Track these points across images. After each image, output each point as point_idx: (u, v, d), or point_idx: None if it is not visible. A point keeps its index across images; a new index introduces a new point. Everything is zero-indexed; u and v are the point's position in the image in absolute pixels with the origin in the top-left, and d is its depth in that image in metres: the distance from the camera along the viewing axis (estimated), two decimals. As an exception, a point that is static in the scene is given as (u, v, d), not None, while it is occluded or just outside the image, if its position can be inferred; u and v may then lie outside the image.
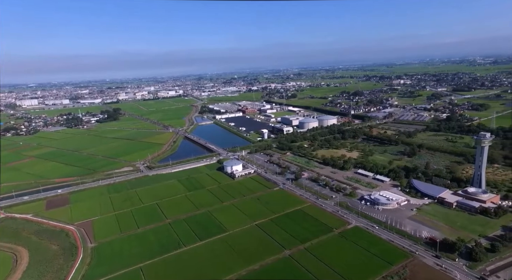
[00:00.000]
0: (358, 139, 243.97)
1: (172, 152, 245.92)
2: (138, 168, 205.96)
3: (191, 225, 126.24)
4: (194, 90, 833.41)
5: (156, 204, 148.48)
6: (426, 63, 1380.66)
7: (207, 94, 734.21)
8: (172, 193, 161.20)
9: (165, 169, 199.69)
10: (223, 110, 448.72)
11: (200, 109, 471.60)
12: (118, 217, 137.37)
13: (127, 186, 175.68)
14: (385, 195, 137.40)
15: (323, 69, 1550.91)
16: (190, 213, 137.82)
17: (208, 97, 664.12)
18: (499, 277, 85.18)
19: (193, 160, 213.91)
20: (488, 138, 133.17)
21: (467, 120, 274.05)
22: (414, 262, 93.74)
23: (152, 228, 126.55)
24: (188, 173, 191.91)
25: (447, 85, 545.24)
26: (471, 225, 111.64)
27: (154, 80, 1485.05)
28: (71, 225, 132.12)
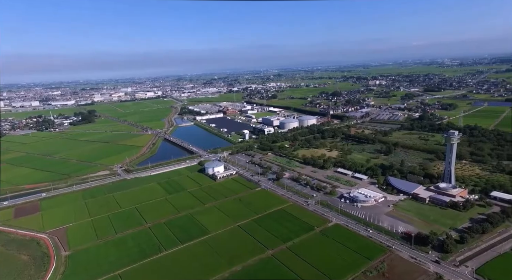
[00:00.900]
0: (337, 139, 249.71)
1: (151, 155, 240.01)
2: (116, 171, 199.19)
3: (172, 229, 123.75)
4: (173, 91, 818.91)
5: (135, 208, 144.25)
6: (400, 64, 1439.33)
7: (187, 95, 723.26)
8: (152, 196, 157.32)
9: (144, 172, 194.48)
10: (203, 111, 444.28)
11: (180, 111, 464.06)
12: (95, 223, 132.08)
13: (104, 190, 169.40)
14: (364, 192, 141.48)
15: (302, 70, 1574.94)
16: (170, 216, 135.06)
17: (188, 98, 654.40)
18: (467, 266, 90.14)
19: (173, 162, 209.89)
20: (457, 136, 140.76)
21: (437, 119, 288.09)
22: (391, 256, 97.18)
23: (131, 233, 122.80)
24: (168, 175, 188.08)
25: (419, 86, 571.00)
26: (443, 218, 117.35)
27: (131, 81, 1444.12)
28: (42, 233, 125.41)
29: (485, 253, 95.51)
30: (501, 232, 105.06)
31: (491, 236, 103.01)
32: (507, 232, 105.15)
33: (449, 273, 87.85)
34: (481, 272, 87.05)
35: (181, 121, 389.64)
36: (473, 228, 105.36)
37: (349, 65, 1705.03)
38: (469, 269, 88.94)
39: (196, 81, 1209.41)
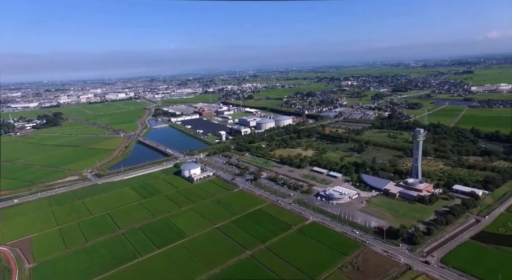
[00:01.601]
0: (313, 138, 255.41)
1: (124, 158, 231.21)
2: (85, 176, 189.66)
3: (147, 234, 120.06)
4: (146, 92, 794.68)
5: (107, 214, 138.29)
6: (370, 65, 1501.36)
7: (161, 96, 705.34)
8: (125, 201, 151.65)
9: (116, 177, 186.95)
10: (178, 112, 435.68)
11: (154, 112, 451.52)
12: (63, 232, 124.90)
13: (72, 197, 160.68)
14: (338, 190, 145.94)
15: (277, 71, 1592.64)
16: (145, 221, 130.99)
17: (162, 100, 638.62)
18: (434, 256, 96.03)
19: (148, 165, 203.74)
20: (422, 133, 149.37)
21: (405, 117, 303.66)
22: (365, 250, 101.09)
23: (103, 240, 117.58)
24: (143, 179, 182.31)
25: (387, 86, 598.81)
26: (411, 212, 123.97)
27: (101, 82, 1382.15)
28: (3, 245, 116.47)
29: (449, 243, 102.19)
30: (462, 223, 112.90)
31: (454, 227, 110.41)
32: (467, 222, 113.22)
33: (417, 263, 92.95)
34: (446, 261, 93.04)
35: (155, 123, 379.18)
36: (438, 220, 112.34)
37: (322, 66, 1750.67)
38: (435, 258, 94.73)
39: (170, 82, 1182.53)
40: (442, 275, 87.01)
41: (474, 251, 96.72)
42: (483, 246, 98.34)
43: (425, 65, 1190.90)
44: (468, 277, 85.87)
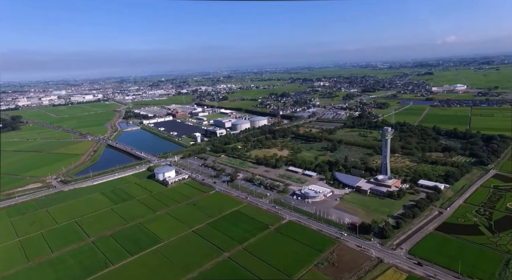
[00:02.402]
0: (288, 138, 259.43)
1: (92, 163, 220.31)
2: (50, 184, 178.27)
3: (119, 241, 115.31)
4: (116, 94, 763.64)
5: (75, 222, 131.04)
6: (340, 67, 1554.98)
7: (132, 98, 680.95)
8: (95, 208, 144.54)
9: (84, 182, 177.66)
10: (151, 114, 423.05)
11: (125, 114, 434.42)
12: (24, 244, 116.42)
13: (35, 206, 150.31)
14: (313, 188, 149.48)
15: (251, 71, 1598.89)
16: (118, 227, 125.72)
17: (133, 101, 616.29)
18: (402, 248, 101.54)
19: (119, 169, 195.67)
20: (390, 132, 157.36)
21: (374, 117, 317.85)
22: (340, 246, 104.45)
23: (70, 250, 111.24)
24: (114, 184, 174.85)
25: (357, 87, 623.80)
26: (381, 207, 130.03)
27: (65, 83, 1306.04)
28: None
29: (416, 235, 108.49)
30: (427, 215, 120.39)
31: (420, 219, 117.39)
32: (431, 214, 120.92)
33: (388, 256, 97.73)
34: (413, 252, 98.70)
35: (127, 126, 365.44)
36: (406, 214, 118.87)
37: (295, 67, 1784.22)
38: (404, 250, 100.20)
39: (142, 83, 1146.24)
40: (410, 266, 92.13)
41: (437, 242, 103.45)
42: (446, 236, 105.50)
43: (391, 66, 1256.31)
44: (433, 266, 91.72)
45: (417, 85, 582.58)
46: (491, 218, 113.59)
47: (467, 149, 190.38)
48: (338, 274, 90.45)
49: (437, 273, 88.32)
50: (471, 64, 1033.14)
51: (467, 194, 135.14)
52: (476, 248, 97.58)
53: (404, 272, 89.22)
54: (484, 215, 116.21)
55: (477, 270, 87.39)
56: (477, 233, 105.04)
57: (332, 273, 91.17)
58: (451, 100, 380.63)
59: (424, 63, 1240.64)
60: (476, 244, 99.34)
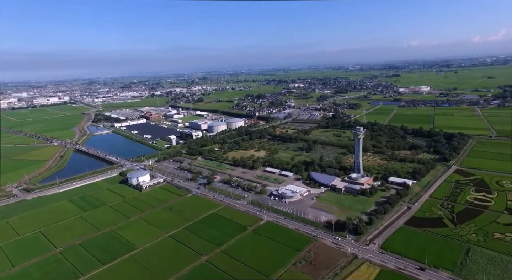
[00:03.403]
0: (264, 139, 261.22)
1: (59, 169, 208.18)
2: (10, 192, 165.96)
3: (90, 250, 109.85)
4: (84, 96, 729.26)
5: (40, 233, 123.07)
6: (314, 68, 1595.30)
7: (102, 100, 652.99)
8: (62, 216, 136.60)
9: (50, 190, 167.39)
10: (123, 117, 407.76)
11: (94, 117, 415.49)
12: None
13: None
14: (290, 188, 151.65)
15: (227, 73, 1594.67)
16: (88, 236, 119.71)
17: (103, 104, 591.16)
18: (375, 243, 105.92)
19: (89, 175, 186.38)
20: (362, 131, 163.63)
21: (347, 117, 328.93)
22: (316, 245, 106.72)
23: (35, 262, 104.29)
24: (83, 190, 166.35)
25: (330, 88, 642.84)
26: (355, 204, 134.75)
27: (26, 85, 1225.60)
28: None
29: (387, 230, 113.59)
30: (397, 211, 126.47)
31: (391, 215, 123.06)
32: (401, 210, 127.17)
33: (361, 252, 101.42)
34: (385, 247, 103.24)
35: (96, 129, 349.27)
36: (378, 210, 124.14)
37: (270, 68, 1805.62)
38: (376, 245, 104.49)
39: (112, 85, 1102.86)
40: (382, 260, 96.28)
41: (407, 235, 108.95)
42: (414, 230, 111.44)
43: (361, 68, 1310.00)
44: (403, 258, 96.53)
45: (385, 86, 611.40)
46: (454, 210, 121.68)
47: (432, 146, 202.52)
48: (315, 272, 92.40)
49: (407, 265, 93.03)
50: (433, 66, 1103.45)
51: (432, 189, 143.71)
52: (441, 239, 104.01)
53: (377, 266, 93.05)
54: (447, 208, 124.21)
55: (442, 260, 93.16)
56: (442, 226, 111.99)
57: (310, 271, 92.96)
58: (416, 101, 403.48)
59: (392, 66, 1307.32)
60: (441, 235, 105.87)
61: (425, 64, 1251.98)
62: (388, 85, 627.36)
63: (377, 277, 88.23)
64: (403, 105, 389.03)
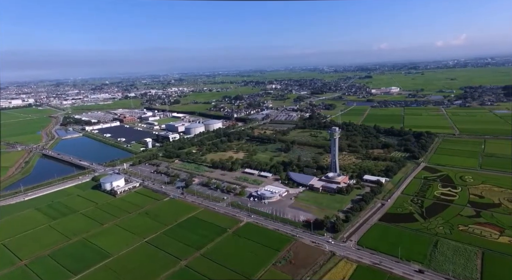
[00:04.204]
0: (243, 141, 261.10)
1: (24, 176, 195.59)
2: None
3: (60, 260, 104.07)
4: (51, 98, 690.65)
5: (3, 245, 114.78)
6: (290, 70, 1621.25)
7: (71, 102, 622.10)
8: (28, 226, 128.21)
9: (14, 198, 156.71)
10: (94, 120, 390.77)
11: (63, 121, 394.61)
12: None
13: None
14: (269, 189, 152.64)
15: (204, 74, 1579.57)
16: (57, 246, 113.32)
17: (72, 106, 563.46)
18: (352, 240, 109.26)
19: (58, 181, 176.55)
20: (338, 132, 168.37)
21: (323, 118, 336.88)
22: (296, 244, 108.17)
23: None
24: (51, 198, 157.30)
25: (307, 89, 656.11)
26: (333, 203, 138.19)
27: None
28: None
29: (363, 226, 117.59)
30: (372, 207, 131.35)
31: (366, 212, 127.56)
32: (375, 207, 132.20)
33: (339, 249, 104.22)
34: (361, 243, 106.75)
35: (66, 133, 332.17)
36: (354, 208, 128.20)
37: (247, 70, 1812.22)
38: (353, 242, 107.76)
39: (82, 87, 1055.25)
40: (359, 256, 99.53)
41: (381, 231, 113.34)
42: (387, 226, 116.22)
43: (336, 70, 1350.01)
44: (378, 254, 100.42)
45: (359, 87, 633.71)
46: (423, 205, 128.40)
47: (402, 145, 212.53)
48: (295, 270, 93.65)
49: (382, 260, 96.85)
50: (401, 69, 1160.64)
51: (404, 185, 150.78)
52: (412, 233, 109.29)
53: (354, 262, 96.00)
54: (417, 203, 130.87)
55: (413, 253, 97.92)
56: (412, 220, 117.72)
57: (290, 270, 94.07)
58: (387, 101, 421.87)
59: (364, 67, 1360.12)
60: (412, 230, 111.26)
61: (394, 66, 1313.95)
62: (361, 86, 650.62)
63: (354, 273, 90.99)
64: (375, 105, 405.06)
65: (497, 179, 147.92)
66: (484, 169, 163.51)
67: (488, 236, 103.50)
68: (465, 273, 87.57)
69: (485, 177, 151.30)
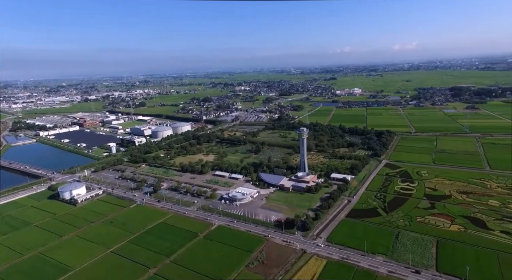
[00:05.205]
0: (213, 143, 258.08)
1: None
2: None
3: (12, 279, 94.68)
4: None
5: None
6: (258, 72, 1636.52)
7: (22, 106, 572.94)
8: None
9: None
10: (50, 124, 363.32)
11: (13, 126, 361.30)
12: None
13: None
14: (241, 191, 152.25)
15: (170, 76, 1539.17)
16: (8, 263, 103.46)
17: (24, 110, 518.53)
18: (321, 237, 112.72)
19: (7, 192, 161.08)
20: (306, 132, 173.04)
21: (291, 118, 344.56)
22: (268, 244, 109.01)
23: None
24: (0, 211, 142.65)
25: (275, 91, 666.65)
26: (302, 202, 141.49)
27: None
28: None
29: (331, 223, 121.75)
30: (339, 204, 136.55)
31: (334, 209, 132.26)
32: (342, 203, 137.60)
33: (309, 246, 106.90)
34: (330, 239, 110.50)
35: (16, 139, 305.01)
36: (322, 206, 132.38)
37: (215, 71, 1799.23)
38: (322, 239, 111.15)
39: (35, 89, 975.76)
40: (328, 252, 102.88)
41: (348, 227, 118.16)
42: (354, 221, 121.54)
43: (302, 72, 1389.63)
44: (346, 249, 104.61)
45: (324, 88, 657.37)
46: (385, 200, 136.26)
47: (366, 143, 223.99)
48: (267, 271, 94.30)
49: (350, 254, 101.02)
50: (363, 71, 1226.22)
51: (368, 182, 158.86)
52: (376, 227, 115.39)
53: (324, 259, 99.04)
54: (380, 198, 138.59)
55: (377, 246, 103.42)
56: (376, 215, 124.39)
57: (262, 271, 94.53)
58: (351, 102, 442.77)
59: (329, 69, 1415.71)
60: (376, 224, 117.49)
61: (356, 69, 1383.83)
62: (327, 87, 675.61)
63: (324, 269, 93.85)
64: (340, 106, 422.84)
65: (448, 172, 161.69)
66: (437, 164, 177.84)
67: (441, 225, 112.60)
68: (423, 261, 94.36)
69: (438, 171, 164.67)
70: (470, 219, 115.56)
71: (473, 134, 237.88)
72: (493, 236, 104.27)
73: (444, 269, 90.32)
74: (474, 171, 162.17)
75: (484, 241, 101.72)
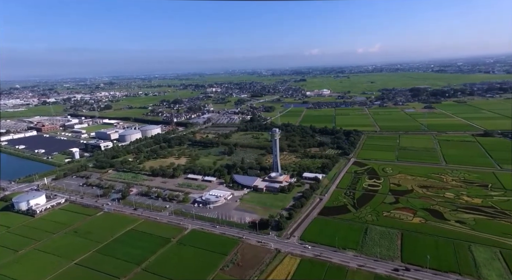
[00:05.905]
0: (184, 146, 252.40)
1: None
2: None
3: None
4: None
5: None
6: (230, 73, 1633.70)
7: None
8: None
9: None
10: (2, 130, 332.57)
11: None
12: None
13: None
14: (214, 193, 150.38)
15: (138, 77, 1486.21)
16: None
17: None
18: (295, 236, 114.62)
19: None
20: (278, 132, 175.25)
21: (263, 119, 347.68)
22: (242, 246, 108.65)
23: None
24: None
25: (247, 92, 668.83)
26: (276, 202, 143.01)
27: None
28: None
29: (304, 222, 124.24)
30: (311, 203, 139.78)
31: (306, 208, 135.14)
32: (314, 202, 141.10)
33: (284, 246, 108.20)
34: (304, 238, 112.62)
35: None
36: (295, 205, 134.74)
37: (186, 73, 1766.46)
38: (296, 238, 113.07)
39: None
40: (302, 251, 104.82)
41: (320, 224, 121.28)
42: (326, 219, 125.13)
43: (273, 73, 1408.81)
44: (319, 246, 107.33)
45: (295, 90, 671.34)
46: (354, 197, 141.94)
47: (335, 143, 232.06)
48: (242, 272, 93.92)
49: (322, 251, 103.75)
50: (331, 72, 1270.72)
51: (338, 180, 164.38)
52: (346, 224, 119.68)
53: (298, 257, 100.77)
54: (349, 195, 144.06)
55: (348, 242, 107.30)
56: (346, 211, 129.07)
57: (237, 273, 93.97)
58: (321, 103, 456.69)
59: (299, 71, 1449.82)
60: (346, 220, 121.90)
61: (325, 70, 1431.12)
62: (297, 88, 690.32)
63: (298, 267, 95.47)
64: (310, 107, 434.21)
65: (410, 168, 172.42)
66: (400, 160, 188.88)
67: (405, 218, 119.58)
68: (389, 254, 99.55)
69: (401, 167, 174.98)
70: (429, 211, 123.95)
71: (431, 132, 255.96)
72: (450, 225, 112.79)
73: (409, 259, 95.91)
74: (432, 167, 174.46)
75: (442, 231, 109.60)
